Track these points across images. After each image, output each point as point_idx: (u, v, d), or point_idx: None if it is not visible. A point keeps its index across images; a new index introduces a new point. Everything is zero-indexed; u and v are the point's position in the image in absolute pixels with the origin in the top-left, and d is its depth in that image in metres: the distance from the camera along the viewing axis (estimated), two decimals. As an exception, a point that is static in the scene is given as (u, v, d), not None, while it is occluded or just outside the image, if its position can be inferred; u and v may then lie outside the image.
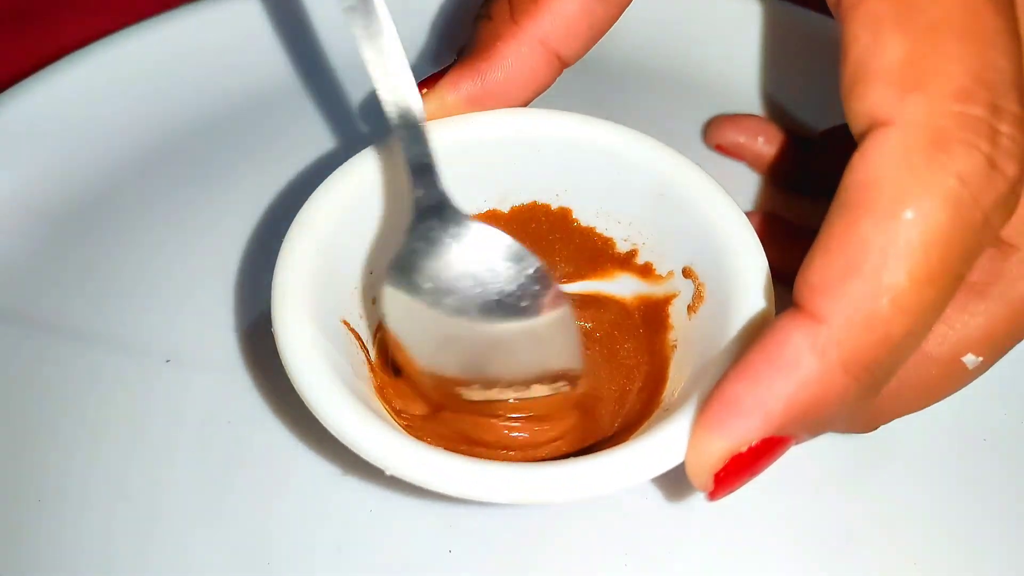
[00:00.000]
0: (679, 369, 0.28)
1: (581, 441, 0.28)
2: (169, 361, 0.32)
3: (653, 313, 0.30)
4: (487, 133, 0.28)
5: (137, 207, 0.36)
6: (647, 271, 0.30)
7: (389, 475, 0.23)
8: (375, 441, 0.23)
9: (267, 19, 0.40)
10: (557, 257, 0.31)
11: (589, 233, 0.31)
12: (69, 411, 0.30)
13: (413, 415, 0.28)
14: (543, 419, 0.28)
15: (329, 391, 0.23)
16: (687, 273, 0.29)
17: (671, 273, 0.29)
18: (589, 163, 0.29)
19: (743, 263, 0.26)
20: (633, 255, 0.31)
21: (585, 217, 0.31)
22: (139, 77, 0.38)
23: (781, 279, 0.25)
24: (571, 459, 0.23)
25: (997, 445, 0.31)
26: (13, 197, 0.35)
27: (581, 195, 0.30)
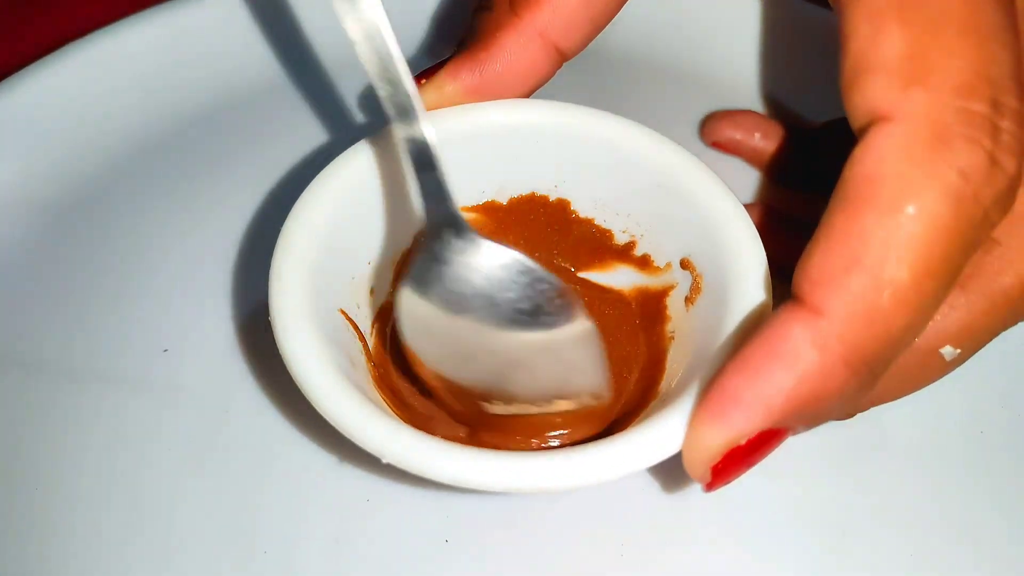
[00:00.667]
0: (676, 360, 0.28)
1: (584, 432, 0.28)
2: (166, 350, 0.32)
3: (651, 304, 0.30)
4: (485, 124, 0.28)
5: (135, 196, 0.36)
6: (645, 262, 0.30)
7: (385, 463, 0.23)
8: (372, 429, 0.23)
9: (264, 9, 0.40)
10: (555, 248, 0.31)
11: (587, 224, 0.31)
12: (65, 400, 0.30)
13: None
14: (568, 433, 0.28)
15: (326, 380, 0.23)
16: (685, 265, 0.29)
17: (669, 265, 0.29)
18: (588, 154, 0.29)
19: (741, 255, 0.26)
20: (631, 246, 0.31)
21: (583, 208, 0.31)
22: (136, 68, 0.38)
23: (779, 272, 0.25)
24: (567, 448, 0.23)
25: (995, 437, 0.31)
26: (8, 188, 0.35)
27: (580, 186, 0.30)
